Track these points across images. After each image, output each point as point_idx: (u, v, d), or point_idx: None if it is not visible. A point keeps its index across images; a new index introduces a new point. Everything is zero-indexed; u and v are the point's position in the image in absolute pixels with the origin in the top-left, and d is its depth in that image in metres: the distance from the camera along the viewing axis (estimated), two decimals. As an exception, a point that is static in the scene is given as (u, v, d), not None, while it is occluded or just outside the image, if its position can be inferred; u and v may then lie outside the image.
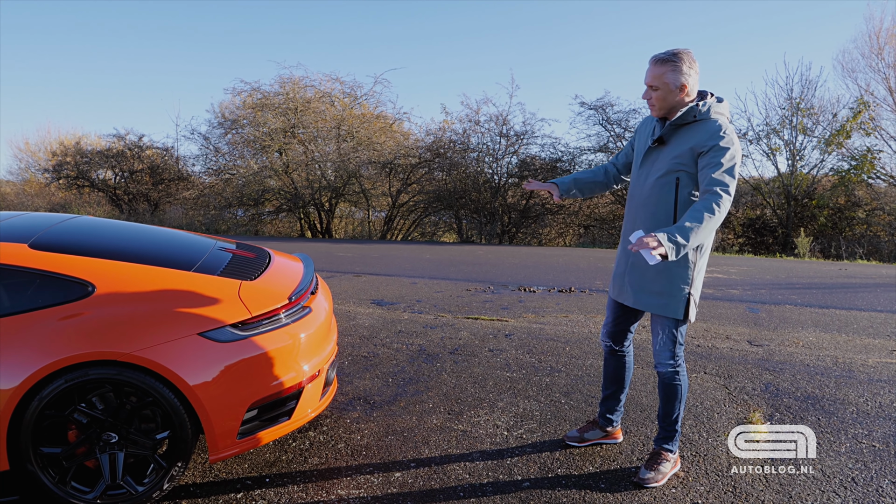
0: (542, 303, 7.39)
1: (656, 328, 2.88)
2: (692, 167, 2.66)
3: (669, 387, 2.90)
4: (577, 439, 3.26)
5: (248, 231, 22.59)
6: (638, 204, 2.85)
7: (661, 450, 2.95)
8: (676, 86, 2.65)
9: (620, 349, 3.15)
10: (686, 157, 2.66)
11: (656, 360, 2.91)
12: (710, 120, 2.66)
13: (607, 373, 3.23)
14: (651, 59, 2.69)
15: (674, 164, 2.70)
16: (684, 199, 2.69)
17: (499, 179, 20.79)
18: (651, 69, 2.68)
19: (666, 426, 2.96)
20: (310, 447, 3.24)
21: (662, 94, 2.68)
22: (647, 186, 2.80)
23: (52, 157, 25.47)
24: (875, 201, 19.31)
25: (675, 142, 2.72)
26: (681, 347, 2.86)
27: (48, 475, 2.55)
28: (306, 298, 3.14)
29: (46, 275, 2.67)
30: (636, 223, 2.84)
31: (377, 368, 4.55)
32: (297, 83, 22.79)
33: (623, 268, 2.95)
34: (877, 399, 4.00)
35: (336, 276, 9.37)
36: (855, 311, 7.06)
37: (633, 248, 2.37)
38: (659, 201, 2.75)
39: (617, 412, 3.25)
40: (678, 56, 2.63)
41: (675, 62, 2.63)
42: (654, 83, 2.68)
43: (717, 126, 2.62)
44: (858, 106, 18.66)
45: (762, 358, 4.95)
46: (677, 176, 2.69)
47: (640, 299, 2.86)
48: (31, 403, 2.46)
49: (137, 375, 2.52)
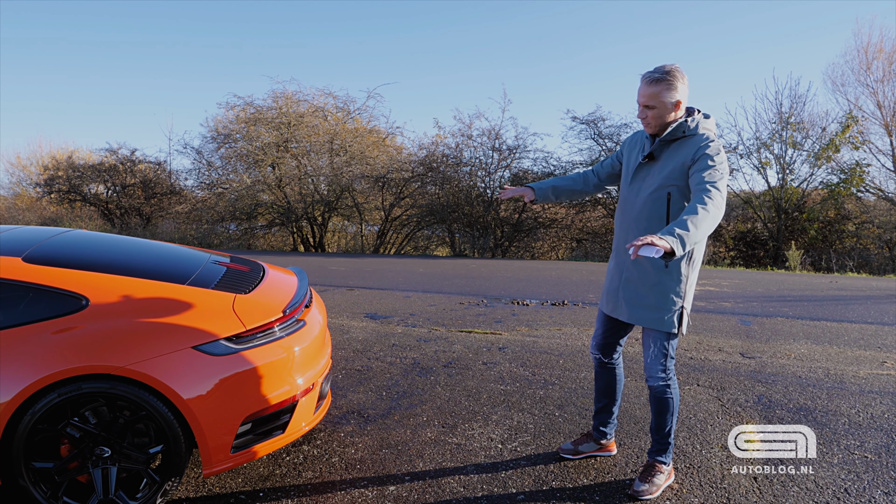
0: (536, 316, 7.40)
1: (648, 342, 2.88)
2: (682, 181, 2.70)
3: (661, 400, 2.91)
4: (572, 452, 3.25)
5: (241, 245, 22.55)
6: (630, 220, 2.87)
7: (655, 462, 2.96)
8: (672, 103, 2.68)
9: (610, 361, 3.15)
10: (677, 173, 2.70)
11: (647, 374, 2.90)
12: (698, 135, 2.71)
13: (599, 386, 3.23)
14: (644, 79, 2.70)
15: (665, 180, 2.73)
16: (676, 214, 2.71)
17: (491, 193, 20.85)
18: (645, 89, 2.70)
19: (659, 439, 2.96)
20: (304, 461, 3.23)
21: (658, 113, 2.71)
22: (640, 202, 2.82)
23: (44, 171, 25.41)
24: (864, 214, 19.53)
25: (666, 158, 2.76)
26: (672, 361, 2.87)
27: (40, 490, 2.53)
28: (300, 312, 3.14)
29: (40, 288, 2.66)
30: (629, 238, 2.85)
31: (371, 382, 4.54)
32: (290, 98, 22.88)
33: (617, 283, 2.95)
34: (868, 410, 4.02)
35: (329, 289, 9.36)
36: (846, 324, 7.10)
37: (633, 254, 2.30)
38: (651, 216, 2.77)
39: (610, 425, 3.25)
40: (671, 74, 2.66)
41: (669, 80, 2.65)
42: (650, 102, 2.69)
43: (704, 138, 2.68)
44: (847, 120, 18.89)
45: (754, 370, 4.97)
46: (668, 191, 2.72)
47: (634, 314, 2.86)
48: (24, 418, 2.45)
49: (131, 389, 2.51)
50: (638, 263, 2.80)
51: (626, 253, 2.77)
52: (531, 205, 3.40)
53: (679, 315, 2.77)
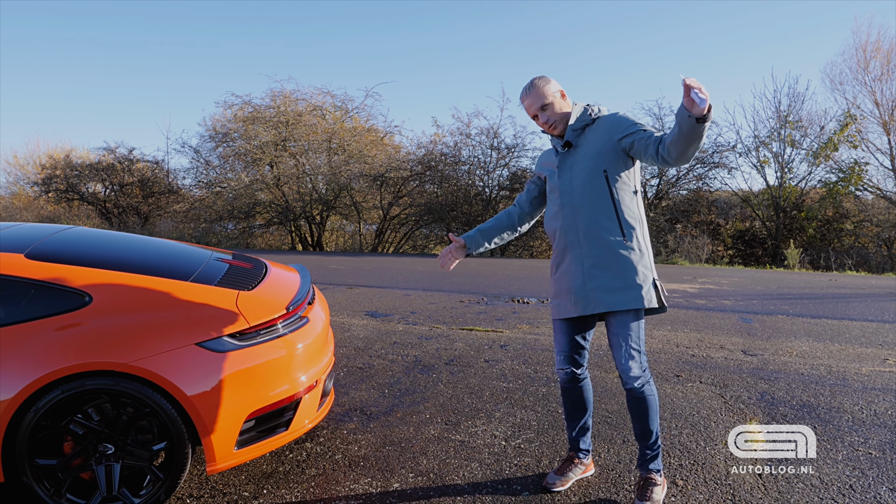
0: (536, 314, 7.39)
1: (618, 339, 2.69)
2: (614, 155, 2.66)
3: (641, 401, 2.72)
4: (561, 483, 2.91)
5: (239, 244, 22.51)
6: (575, 207, 2.72)
7: (650, 475, 2.78)
8: (557, 92, 2.75)
9: (581, 372, 2.92)
10: (605, 150, 2.67)
11: (624, 377, 2.70)
12: (604, 115, 2.75)
13: (571, 403, 2.97)
14: (523, 94, 2.77)
15: (595, 161, 2.68)
16: (620, 189, 2.67)
17: (490, 192, 20.86)
18: (530, 97, 2.75)
19: (647, 445, 2.77)
20: (307, 458, 3.21)
21: (556, 106, 2.74)
22: (578, 188, 2.71)
23: (42, 170, 25.33)
24: (862, 213, 19.57)
25: (585, 143, 2.73)
26: (644, 356, 2.71)
27: (43, 487, 2.51)
28: (303, 308, 3.13)
29: (43, 285, 2.64)
30: (578, 224, 2.71)
31: (373, 380, 4.53)
32: (288, 96, 22.88)
33: (581, 278, 2.71)
34: (872, 407, 4.02)
35: (329, 288, 9.34)
36: (847, 321, 7.11)
37: (688, 80, 2.13)
38: (595, 196, 2.67)
39: (587, 440, 3.01)
40: (538, 78, 2.76)
41: (539, 82, 2.74)
42: (541, 102, 2.73)
43: (612, 114, 2.73)
44: (846, 119, 18.94)
45: (757, 367, 4.97)
46: (603, 169, 2.67)
47: (612, 300, 2.65)
48: (27, 414, 2.44)
49: (134, 386, 2.50)
50: (599, 247, 2.66)
51: (586, 242, 2.68)
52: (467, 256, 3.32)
53: (655, 287, 2.68)
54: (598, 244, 2.67)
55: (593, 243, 2.67)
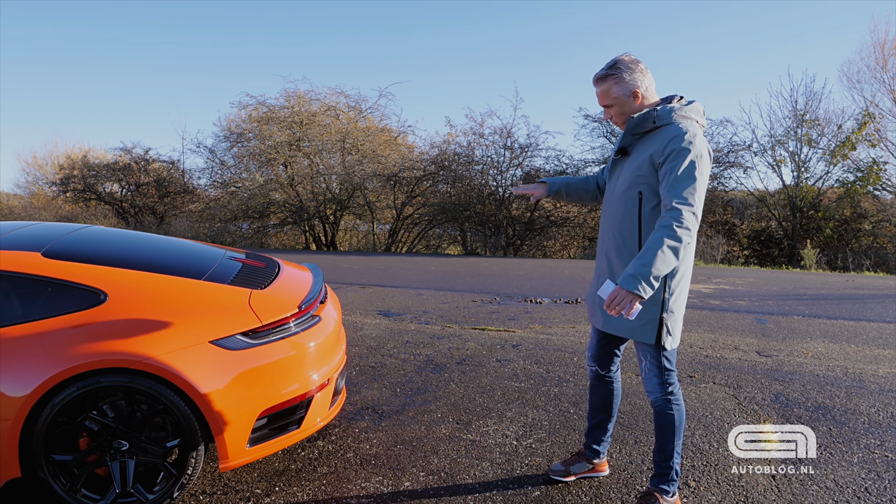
0: (549, 314, 7.38)
1: (639, 354, 2.63)
2: (653, 179, 2.44)
3: (661, 416, 2.61)
4: (563, 473, 2.97)
5: (254, 244, 22.65)
6: (609, 218, 2.65)
7: (654, 491, 2.66)
8: (627, 95, 2.51)
9: (607, 374, 2.88)
10: (646, 169, 2.44)
11: (646, 389, 2.65)
12: (671, 125, 2.42)
13: (593, 401, 2.95)
14: (593, 80, 2.57)
15: (635, 178, 2.49)
16: (647, 215, 2.47)
17: (503, 192, 20.83)
18: (596, 90, 2.56)
19: (659, 461, 2.65)
20: (319, 456, 3.23)
21: (619, 109, 2.54)
22: (614, 201, 2.61)
23: (60, 170, 25.68)
24: (881, 213, 19.30)
25: (636, 152, 2.53)
26: (671, 373, 2.58)
27: (59, 483, 2.55)
28: (316, 307, 3.15)
29: (59, 283, 2.68)
30: (606, 236, 2.66)
31: (385, 378, 4.54)
32: (302, 97, 22.97)
33: (595, 287, 2.73)
34: (888, 409, 3.97)
35: (342, 287, 9.38)
36: (864, 322, 7.02)
37: (606, 307, 2.25)
38: (623, 218, 2.54)
39: (604, 443, 2.98)
40: (616, 66, 2.50)
41: (614, 74, 2.50)
42: (606, 101, 2.55)
43: (676, 130, 2.37)
44: (864, 117, 18.71)
45: (771, 368, 4.93)
46: (639, 190, 2.48)
47: (608, 322, 2.63)
48: (43, 411, 2.47)
49: (149, 383, 2.53)
50: (615, 268, 2.57)
51: (607, 257, 2.64)
52: (541, 199, 3.19)
53: (657, 325, 2.48)
54: (615, 263, 2.58)
55: (612, 261, 2.60)
